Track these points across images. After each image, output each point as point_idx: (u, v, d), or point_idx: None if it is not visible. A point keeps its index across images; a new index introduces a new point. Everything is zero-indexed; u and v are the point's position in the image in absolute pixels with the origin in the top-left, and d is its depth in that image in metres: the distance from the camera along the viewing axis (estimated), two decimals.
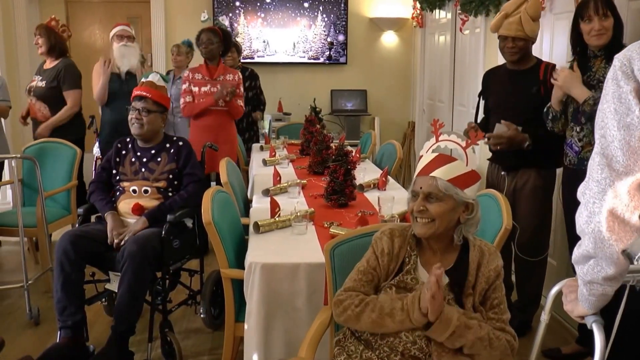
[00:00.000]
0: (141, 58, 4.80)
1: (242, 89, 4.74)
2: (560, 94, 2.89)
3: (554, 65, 3.25)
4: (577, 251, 1.39)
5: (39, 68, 4.86)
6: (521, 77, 3.27)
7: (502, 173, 3.33)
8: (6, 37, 5.96)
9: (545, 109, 3.02)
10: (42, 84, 4.67)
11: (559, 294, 1.64)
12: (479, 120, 3.58)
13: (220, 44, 4.65)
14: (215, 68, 4.64)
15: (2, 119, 4.69)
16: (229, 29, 6.48)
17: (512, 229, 2.56)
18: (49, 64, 4.75)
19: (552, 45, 3.76)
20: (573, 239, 2.17)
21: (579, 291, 1.47)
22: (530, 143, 3.15)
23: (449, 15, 5.63)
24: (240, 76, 4.75)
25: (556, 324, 3.46)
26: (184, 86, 4.63)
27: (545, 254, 3.35)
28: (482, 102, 3.57)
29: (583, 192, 1.34)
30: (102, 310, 3.61)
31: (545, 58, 3.71)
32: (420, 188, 1.88)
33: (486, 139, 3.19)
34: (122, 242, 2.98)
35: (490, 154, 3.47)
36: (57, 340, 2.94)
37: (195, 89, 4.60)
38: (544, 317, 1.81)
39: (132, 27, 4.83)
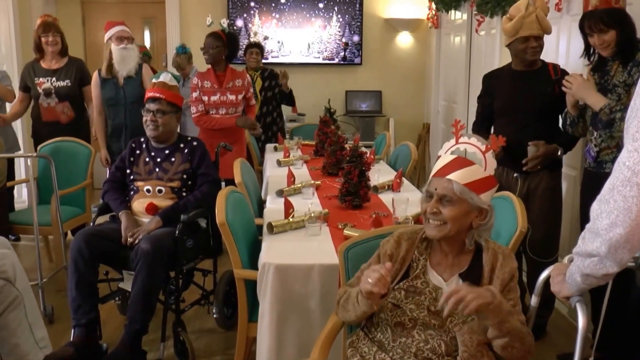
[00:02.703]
0: (139, 60, 4.56)
1: (251, 90, 4.72)
2: (574, 100, 2.89)
3: (559, 66, 3.29)
4: (583, 246, 1.45)
5: (38, 69, 4.67)
6: (531, 78, 3.26)
7: (515, 175, 3.31)
8: (23, 37, 6.00)
9: (563, 115, 3.02)
10: (65, 83, 4.64)
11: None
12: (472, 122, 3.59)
13: (223, 48, 4.52)
14: (223, 75, 4.56)
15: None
16: (236, 31, 6.49)
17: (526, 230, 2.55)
18: (56, 63, 4.67)
19: (569, 46, 3.72)
20: None
21: (571, 277, 1.58)
22: (562, 150, 3.17)
23: (465, 16, 5.60)
24: (249, 79, 4.70)
25: (572, 328, 3.43)
26: (194, 94, 4.53)
27: (556, 254, 3.33)
28: (479, 105, 3.57)
29: (607, 199, 1.35)
30: (116, 309, 3.62)
31: (561, 60, 3.69)
32: (435, 189, 1.87)
33: (527, 167, 3.20)
34: (136, 241, 2.99)
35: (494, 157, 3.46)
36: (71, 339, 2.95)
37: (205, 98, 4.53)
38: (534, 300, 1.94)
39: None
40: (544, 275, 1.83)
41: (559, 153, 3.19)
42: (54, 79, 4.65)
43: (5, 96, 4.73)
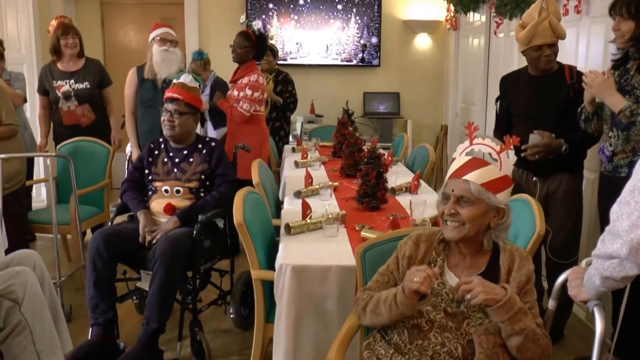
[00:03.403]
0: (182, 66, 4.39)
1: (247, 90, 4.45)
2: (592, 97, 2.84)
3: (575, 68, 3.25)
4: (603, 248, 1.46)
5: (55, 71, 4.66)
6: (547, 82, 3.23)
7: (534, 178, 3.28)
8: (43, 38, 6.07)
9: (579, 110, 2.98)
10: (84, 85, 4.65)
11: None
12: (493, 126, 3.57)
13: (251, 48, 4.54)
14: (240, 72, 4.60)
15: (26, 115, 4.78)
16: (261, 30, 6.50)
17: (544, 233, 2.53)
18: (73, 65, 4.68)
19: (588, 49, 3.68)
20: None
21: (590, 280, 1.58)
22: (567, 147, 3.11)
23: (483, 18, 5.57)
24: (255, 78, 4.49)
25: (589, 332, 3.39)
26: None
27: (576, 257, 3.30)
28: (498, 108, 3.54)
29: (627, 201, 1.34)
30: (133, 308, 3.65)
31: (580, 62, 3.65)
32: (452, 191, 1.87)
33: (523, 151, 3.15)
34: (154, 241, 3.00)
35: (515, 160, 3.42)
36: (89, 337, 2.98)
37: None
38: (551, 303, 1.94)
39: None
40: (561, 278, 1.84)
41: (563, 149, 3.13)
42: (72, 81, 4.65)
43: (14, 99, 4.61)
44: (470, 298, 1.67)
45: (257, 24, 4.75)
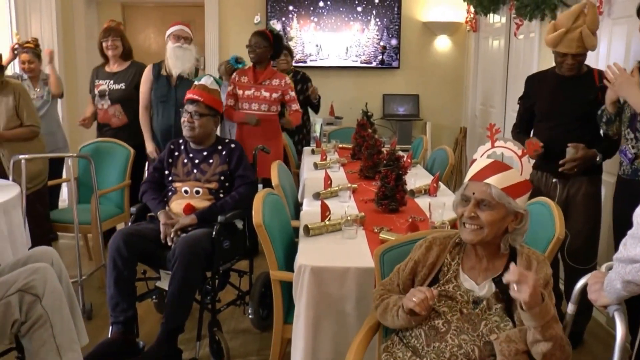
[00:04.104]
0: (196, 63, 4.55)
1: (291, 92, 4.67)
2: (614, 96, 2.79)
3: (604, 73, 3.17)
4: (625, 252, 1.44)
5: (99, 72, 4.81)
6: (575, 83, 3.19)
7: (554, 180, 3.26)
8: (66, 40, 6.15)
9: (599, 112, 2.95)
10: (119, 86, 4.70)
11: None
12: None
13: (270, 48, 4.58)
14: (262, 72, 4.60)
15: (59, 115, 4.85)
16: (281, 32, 6.53)
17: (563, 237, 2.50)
18: (117, 67, 4.76)
19: (609, 50, 3.65)
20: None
21: (610, 284, 1.56)
22: (601, 157, 3.10)
23: (503, 20, 5.55)
24: (289, 81, 4.68)
25: (610, 338, 3.35)
26: (229, 88, 4.61)
27: (595, 261, 3.26)
28: (521, 107, 3.51)
29: None
30: (153, 308, 3.68)
31: (601, 63, 3.61)
32: (473, 193, 1.86)
33: (563, 168, 3.14)
34: (173, 237, 3.03)
35: (533, 162, 3.40)
36: (109, 335, 3.00)
37: (240, 92, 4.59)
38: (570, 308, 1.94)
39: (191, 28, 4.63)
40: (581, 283, 1.82)
41: (598, 159, 3.12)
42: (111, 81, 4.73)
43: (56, 85, 4.90)
44: (515, 289, 1.62)
45: (275, 24, 4.79)
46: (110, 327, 3.00)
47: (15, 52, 4.85)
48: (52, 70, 4.95)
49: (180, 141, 3.39)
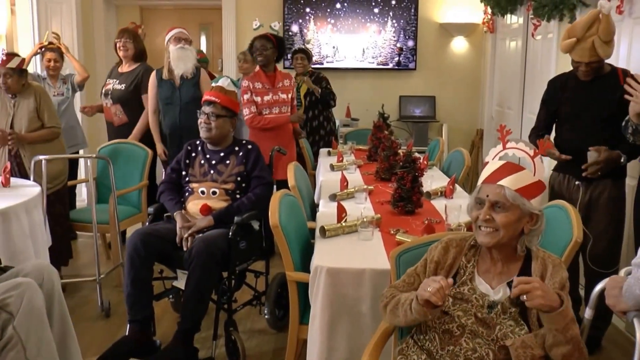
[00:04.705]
0: (197, 62, 4.66)
1: (294, 92, 4.74)
2: (639, 109, 2.74)
3: (629, 72, 3.11)
4: None
5: (112, 72, 4.97)
6: (598, 84, 3.14)
7: (576, 183, 3.22)
8: (86, 42, 6.23)
9: (624, 122, 2.89)
10: (121, 87, 4.80)
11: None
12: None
13: (275, 49, 4.61)
14: (273, 75, 4.63)
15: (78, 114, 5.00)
16: (291, 36, 6.56)
17: (583, 241, 2.48)
18: (127, 67, 4.88)
19: (630, 51, 3.61)
20: None
21: (629, 290, 1.55)
22: (625, 158, 3.05)
23: (521, 20, 5.52)
24: (293, 80, 4.75)
25: (629, 344, 3.33)
26: (246, 96, 4.57)
27: (617, 266, 3.23)
28: (542, 110, 3.47)
29: None
30: (170, 307, 3.70)
31: (622, 64, 3.57)
32: (487, 196, 1.85)
33: (587, 172, 3.10)
34: (188, 238, 3.05)
35: (554, 163, 3.37)
36: (126, 333, 3.03)
37: (258, 99, 4.58)
38: (588, 312, 1.92)
39: (204, 33, 4.82)
40: (598, 287, 1.80)
41: (622, 160, 3.06)
42: (117, 81, 4.85)
43: (82, 69, 5.11)
44: (526, 299, 1.64)
45: (275, 25, 4.83)
46: (128, 326, 3.03)
47: (42, 50, 4.97)
48: (72, 58, 5.16)
49: (198, 142, 3.42)
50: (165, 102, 4.59)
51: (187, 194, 3.32)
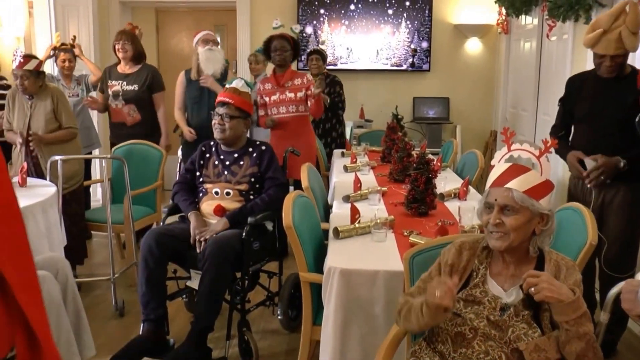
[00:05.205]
0: (225, 63, 4.79)
1: (312, 89, 4.55)
2: None
3: None
4: None
5: (114, 72, 4.94)
6: (616, 86, 3.09)
7: (589, 186, 3.20)
8: (102, 44, 6.28)
9: (638, 119, 2.86)
10: (133, 87, 4.84)
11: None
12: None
13: (292, 51, 4.64)
14: (282, 75, 4.61)
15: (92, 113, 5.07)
16: (305, 37, 6.56)
17: (598, 244, 2.45)
18: (129, 68, 4.90)
19: None
20: None
21: None
22: (625, 163, 3.01)
23: (535, 21, 5.49)
24: (310, 77, 4.68)
25: None
26: (258, 99, 4.66)
27: (632, 270, 3.19)
28: (560, 109, 3.43)
29: None
30: (183, 306, 3.72)
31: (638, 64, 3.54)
32: (495, 200, 1.85)
33: (587, 180, 3.08)
34: (203, 241, 3.07)
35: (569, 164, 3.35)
36: (140, 332, 3.06)
37: (267, 99, 4.63)
38: (603, 316, 1.90)
39: (218, 34, 4.87)
40: (613, 291, 1.78)
41: (621, 165, 3.02)
42: (124, 82, 4.87)
43: (97, 69, 5.20)
44: (534, 292, 1.66)
45: (296, 28, 4.83)
46: (142, 325, 3.06)
47: (54, 52, 5.02)
48: (86, 59, 5.24)
49: (212, 143, 3.44)
50: (193, 101, 4.69)
51: (201, 194, 3.33)
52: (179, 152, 5.12)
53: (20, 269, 1.00)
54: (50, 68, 5.53)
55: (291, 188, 4.55)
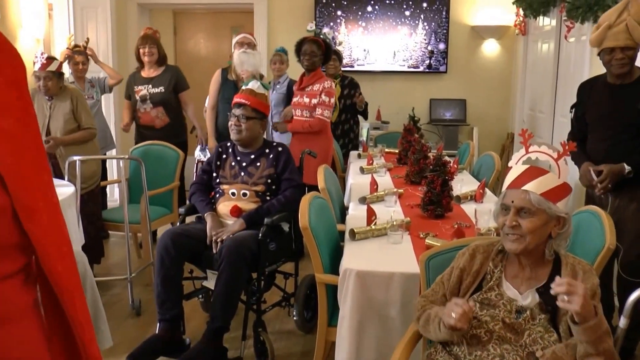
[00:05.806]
0: (259, 66, 4.80)
1: (324, 97, 4.47)
2: None
3: None
4: None
5: (138, 78, 5.01)
6: (624, 91, 3.07)
7: (597, 194, 3.17)
8: (119, 47, 6.33)
9: None
10: (159, 90, 4.92)
11: None
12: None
13: (322, 56, 4.61)
14: (307, 78, 4.59)
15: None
16: (332, 40, 6.56)
17: (615, 249, 2.43)
18: (153, 72, 4.97)
19: None
20: None
21: None
22: (631, 170, 2.98)
23: (554, 22, 5.44)
24: (329, 84, 4.54)
25: None
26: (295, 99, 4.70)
27: None
28: (573, 115, 3.40)
29: None
30: (199, 306, 3.74)
31: None
32: (512, 202, 1.84)
33: (597, 189, 3.06)
34: (220, 241, 3.08)
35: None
36: (156, 332, 3.08)
37: (294, 99, 4.68)
38: (622, 321, 1.87)
39: (235, 36, 4.95)
40: (634, 296, 1.76)
41: (626, 172, 2.99)
42: (150, 86, 4.94)
43: (114, 73, 5.30)
44: (567, 300, 1.59)
45: (330, 33, 4.83)
46: (158, 324, 3.08)
47: (69, 55, 5.07)
48: (102, 63, 5.32)
49: (229, 144, 3.45)
50: (225, 101, 4.70)
51: (217, 195, 3.35)
52: (196, 153, 5.16)
53: (69, 271, 1.04)
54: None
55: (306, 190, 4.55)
